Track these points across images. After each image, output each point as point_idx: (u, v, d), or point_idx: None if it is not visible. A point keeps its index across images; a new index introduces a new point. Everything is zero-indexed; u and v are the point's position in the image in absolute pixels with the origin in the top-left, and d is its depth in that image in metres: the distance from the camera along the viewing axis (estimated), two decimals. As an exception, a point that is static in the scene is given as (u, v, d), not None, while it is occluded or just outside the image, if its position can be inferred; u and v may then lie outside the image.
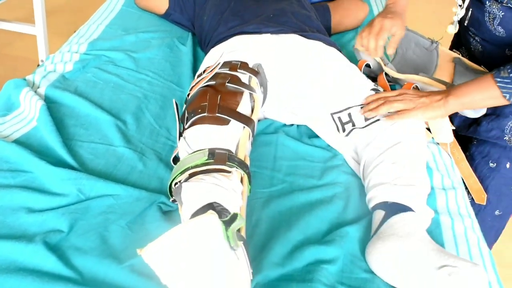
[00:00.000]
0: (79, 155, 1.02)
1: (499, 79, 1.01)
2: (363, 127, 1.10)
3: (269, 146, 1.15)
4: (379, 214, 0.94)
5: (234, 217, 0.75)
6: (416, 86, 1.20)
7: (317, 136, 1.18)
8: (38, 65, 2.27)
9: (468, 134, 1.27)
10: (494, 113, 1.20)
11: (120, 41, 1.45)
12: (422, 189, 1.00)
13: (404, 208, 0.93)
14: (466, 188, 1.17)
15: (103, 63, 1.33)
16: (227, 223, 0.74)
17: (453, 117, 1.29)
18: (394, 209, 0.93)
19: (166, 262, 0.69)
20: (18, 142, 1.01)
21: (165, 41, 1.49)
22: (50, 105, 1.12)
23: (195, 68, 1.39)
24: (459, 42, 1.35)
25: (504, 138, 1.19)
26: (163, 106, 1.23)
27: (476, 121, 1.24)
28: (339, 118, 1.15)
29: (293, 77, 1.22)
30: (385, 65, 1.28)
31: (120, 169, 1.01)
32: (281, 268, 0.85)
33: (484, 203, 1.19)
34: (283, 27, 1.35)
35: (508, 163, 1.22)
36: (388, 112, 1.09)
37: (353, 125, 1.12)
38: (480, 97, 1.06)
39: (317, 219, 0.96)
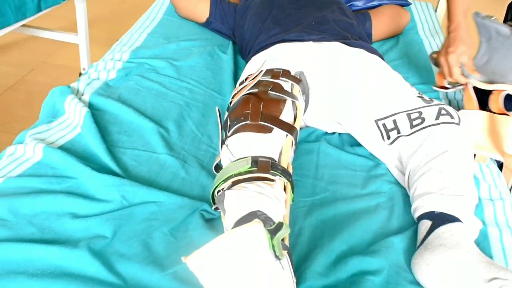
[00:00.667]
0: (123, 162, 1.02)
1: None
2: (408, 135, 1.07)
3: (311, 154, 1.14)
4: (426, 224, 0.92)
5: (280, 226, 0.74)
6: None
7: (359, 145, 1.16)
8: (80, 74, 2.33)
9: None
10: None
11: (162, 49, 1.47)
12: (470, 199, 0.97)
13: (452, 219, 0.90)
14: None
15: (145, 71, 1.35)
16: (272, 232, 0.72)
17: None
18: (441, 219, 0.91)
19: (210, 271, 0.68)
20: (63, 148, 1.03)
21: (206, 49, 1.49)
22: (94, 112, 1.14)
23: (236, 76, 1.39)
24: None
25: None
26: (204, 114, 1.23)
27: None
28: (384, 125, 1.12)
29: (336, 84, 1.20)
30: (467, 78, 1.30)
31: (162, 176, 1.01)
32: (325, 279, 0.84)
33: None
34: (325, 35, 1.34)
35: None
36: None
37: (398, 132, 1.10)
38: None
39: (361, 229, 0.94)
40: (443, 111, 1.09)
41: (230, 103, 1.11)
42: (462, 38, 1.29)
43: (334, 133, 1.21)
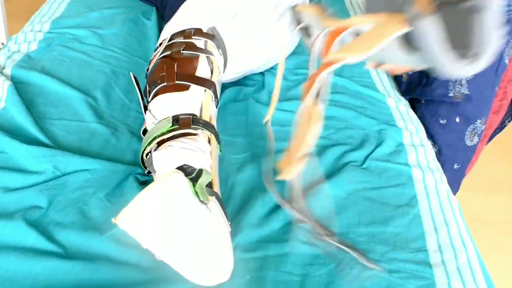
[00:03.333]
0: (51, 133, 1.02)
1: None
2: None
3: (240, 114, 1.17)
4: None
5: (200, 173, 0.78)
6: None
7: (286, 100, 1.20)
8: (-1, 48, 2.23)
9: (415, 96, 1.33)
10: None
11: (84, 18, 1.43)
12: None
13: None
14: None
15: (68, 40, 1.32)
16: (194, 180, 0.76)
17: (399, 83, 1.34)
18: None
19: (140, 226, 0.71)
20: (-12, 123, 1.01)
21: (130, 16, 1.47)
22: (18, 85, 1.11)
23: (161, 42, 1.39)
24: None
25: (449, 95, 1.25)
26: (131, 81, 1.23)
27: (420, 83, 1.29)
28: None
29: (247, 32, 1.22)
30: None
31: (93, 144, 1.02)
32: (260, 229, 0.88)
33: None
34: None
35: (457, 117, 1.28)
36: None
37: None
38: None
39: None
40: None
41: (147, 69, 1.11)
42: None
43: (262, 90, 1.25)
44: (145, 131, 1.02)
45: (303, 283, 0.80)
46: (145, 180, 0.96)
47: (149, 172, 0.95)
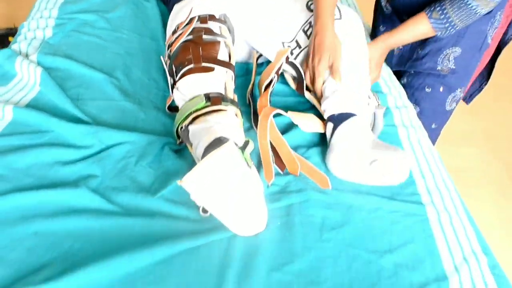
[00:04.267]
0: (88, 112, 1.15)
1: (432, 20, 1.26)
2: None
3: (244, 88, 1.32)
4: (329, 127, 1.15)
5: (247, 143, 0.94)
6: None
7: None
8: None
9: (405, 68, 1.49)
10: (427, 51, 1.43)
11: (87, 3, 1.54)
12: (361, 95, 1.20)
13: (348, 116, 1.13)
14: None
15: (80, 25, 1.43)
16: (242, 148, 0.92)
17: (391, 56, 1.50)
18: (339, 119, 1.13)
19: (201, 186, 0.87)
20: (29, 106, 1.13)
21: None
22: (46, 70, 1.23)
23: (163, 22, 1.51)
24: None
25: (437, 69, 1.42)
26: (145, 60, 1.37)
27: (411, 58, 1.46)
28: (289, 46, 1.32)
29: (252, 16, 1.37)
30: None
31: (126, 120, 1.16)
32: (279, 180, 1.05)
33: (298, 174, 1.09)
34: None
35: (441, 87, 1.45)
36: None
37: (299, 47, 1.30)
38: (410, 37, 1.35)
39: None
40: None
41: (170, 51, 1.25)
42: (327, 44, 1.21)
43: (262, 64, 1.40)
44: (170, 107, 1.17)
45: (323, 223, 0.97)
46: (178, 149, 1.11)
47: (181, 142, 1.10)
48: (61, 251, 0.85)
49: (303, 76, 1.27)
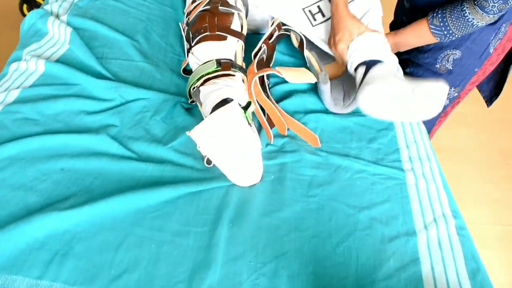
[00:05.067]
0: (110, 70, 1.28)
1: (432, 26, 1.31)
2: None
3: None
4: (361, 69, 1.21)
5: (248, 104, 1.07)
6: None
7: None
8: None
9: (410, 57, 1.55)
10: (431, 47, 1.48)
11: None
12: (386, 46, 1.29)
13: (379, 61, 1.21)
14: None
15: (106, -10, 1.55)
16: (245, 108, 1.06)
17: None
18: (371, 63, 1.21)
19: (207, 138, 1.00)
20: (59, 61, 1.26)
21: (153, -32, 1.70)
22: (75, 30, 1.36)
23: (183, -8, 1.63)
24: None
25: (436, 66, 1.48)
26: (164, 27, 1.49)
27: (417, 49, 1.51)
28: (310, 11, 1.42)
29: None
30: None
31: (144, 79, 1.29)
32: (276, 141, 1.19)
33: (286, 134, 1.22)
34: None
35: None
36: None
37: (323, 15, 1.39)
38: (415, 40, 1.38)
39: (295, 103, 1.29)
40: None
41: (188, 19, 1.37)
42: (346, 21, 1.27)
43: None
44: (185, 70, 1.30)
45: (311, 181, 1.11)
46: (189, 107, 1.24)
47: (192, 102, 1.23)
48: (83, 186, 0.99)
49: (303, 38, 1.37)
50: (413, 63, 1.56)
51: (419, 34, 1.37)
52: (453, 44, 1.42)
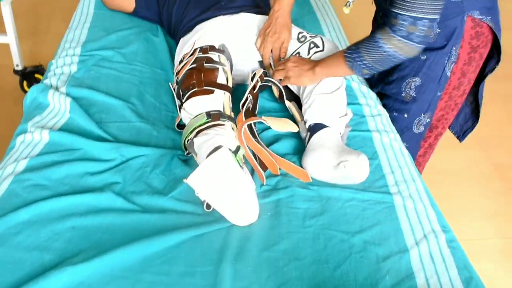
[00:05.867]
0: (110, 132, 1.38)
1: (347, 58, 1.32)
2: None
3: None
4: (307, 135, 1.36)
5: (238, 148, 1.16)
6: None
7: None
8: (14, 69, 2.58)
9: (379, 90, 1.66)
10: (394, 77, 1.58)
11: (106, 41, 1.78)
12: (336, 109, 1.40)
13: (322, 126, 1.33)
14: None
15: (99, 61, 1.67)
16: (235, 152, 1.14)
17: (372, 77, 1.68)
18: (315, 129, 1.34)
19: (203, 182, 1.09)
20: (62, 130, 1.36)
21: (141, 36, 1.83)
22: (74, 100, 1.46)
23: (171, 54, 1.75)
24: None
25: (402, 95, 1.57)
26: (156, 87, 1.60)
27: (383, 81, 1.63)
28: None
29: (246, 42, 1.62)
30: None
31: (142, 138, 1.38)
32: (269, 181, 1.27)
33: (278, 173, 1.31)
34: (233, 9, 1.73)
35: (406, 113, 1.59)
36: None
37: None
38: (336, 70, 1.39)
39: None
40: (311, 45, 1.52)
41: (177, 78, 1.48)
42: (285, 22, 1.55)
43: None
44: (179, 125, 1.40)
45: (305, 213, 1.18)
46: (185, 159, 1.33)
47: (188, 153, 1.32)
48: (93, 241, 1.07)
49: (282, 90, 1.49)
50: (384, 95, 1.65)
51: (339, 66, 1.36)
52: (412, 72, 1.52)
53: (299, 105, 1.49)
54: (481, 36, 1.46)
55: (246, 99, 1.42)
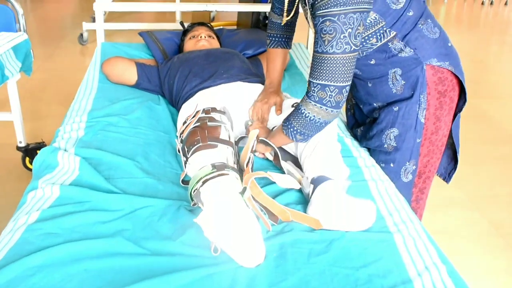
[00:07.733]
0: (118, 187, 1.44)
1: (283, 127, 1.48)
2: None
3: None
4: (311, 187, 1.40)
5: (245, 189, 1.22)
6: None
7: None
8: (17, 146, 2.65)
9: (364, 146, 1.75)
10: (374, 132, 1.67)
11: (110, 109, 1.89)
12: (336, 163, 1.48)
13: (325, 179, 1.39)
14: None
15: (105, 126, 1.76)
16: (242, 193, 1.20)
17: (356, 134, 1.79)
18: (319, 181, 1.39)
19: (212, 222, 1.14)
20: (72, 185, 1.42)
21: (144, 104, 1.94)
22: (83, 159, 1.54)
23: (173, 119, 1.85)
24: None
25: (384, 146, 1.65)
26: (160, 147, 1.68)
27: (366, 137, 1.72)
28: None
29: (244, 107, 1.72)
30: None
31: (148, 191, 1.44)
32: (274, 225, 1.32)
33: (290, 220, 1.35)
34: (231, 78, 1.87)
35: (391, 163, 1.67)
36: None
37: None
38: (278, 139, 1.54)
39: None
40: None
41: (182, 136, 1.57)
42: (274, 91, 1.74)
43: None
44: (184, 181, 1.47)
45: (310, 252, 1.22)
46: (191, 209, 1.38)
47: (194, 204, 1.38)
48: (105, 282, 1.10)
49: (278, 153, 1.57)
50: (369, 149, 1.74)
51: (282, 136, 1.50)
52: (388, 124, 1.61)
53: (295, 164, 1.57)
54: (444, 81, 1.55)
55: (249, 158, 1.50)
